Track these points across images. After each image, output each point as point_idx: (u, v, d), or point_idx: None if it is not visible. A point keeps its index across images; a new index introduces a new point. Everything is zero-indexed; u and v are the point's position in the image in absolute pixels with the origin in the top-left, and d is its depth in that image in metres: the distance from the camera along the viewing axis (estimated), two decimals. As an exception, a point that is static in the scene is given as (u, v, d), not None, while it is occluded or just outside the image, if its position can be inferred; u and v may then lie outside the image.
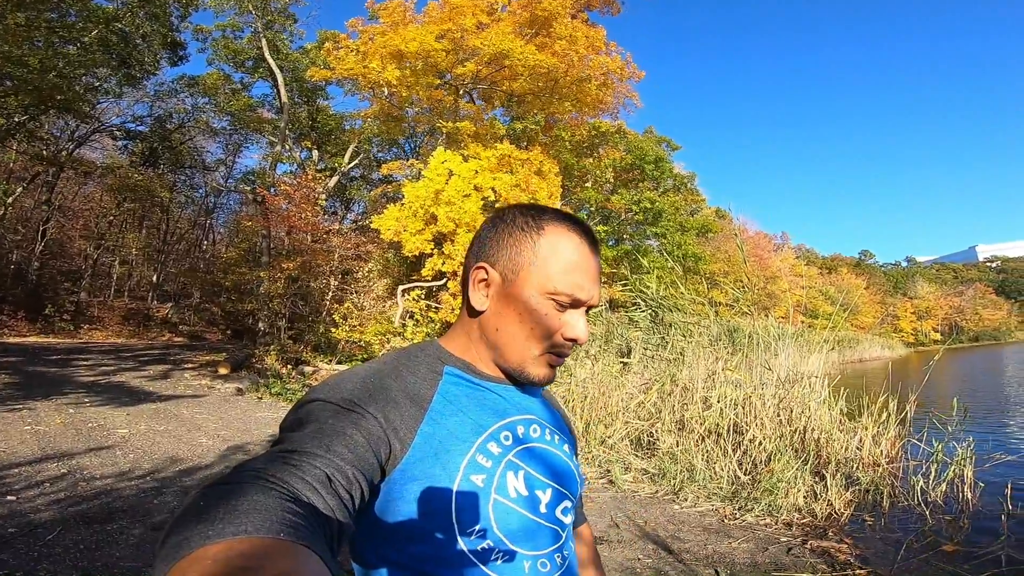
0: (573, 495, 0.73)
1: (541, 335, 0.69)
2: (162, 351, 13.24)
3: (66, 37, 12.50)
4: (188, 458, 4.60)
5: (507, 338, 0.70)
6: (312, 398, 0.61)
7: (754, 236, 36.01)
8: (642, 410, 5.59)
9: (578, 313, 0.70)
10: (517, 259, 0.70)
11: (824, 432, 4.73)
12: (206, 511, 0.38)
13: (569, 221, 0.72)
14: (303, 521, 0.40)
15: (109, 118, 19.04)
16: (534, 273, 0.68)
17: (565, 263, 0.68)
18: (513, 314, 0.69)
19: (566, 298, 0.68)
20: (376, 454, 0.57)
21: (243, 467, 0.46)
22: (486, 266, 0.71)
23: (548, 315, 0.68)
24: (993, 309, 74.32)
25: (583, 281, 0.69)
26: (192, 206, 24.87)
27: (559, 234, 0.70)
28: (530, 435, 0.71)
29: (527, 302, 0.68)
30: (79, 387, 7.65)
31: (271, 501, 0.40)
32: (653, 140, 22.11)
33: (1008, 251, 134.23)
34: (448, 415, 0.65)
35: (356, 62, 11.41)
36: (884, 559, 2.98)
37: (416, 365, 0.70)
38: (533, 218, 0.71)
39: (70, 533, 2.88)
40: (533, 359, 0.70)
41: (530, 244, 0.69)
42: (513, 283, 0.69)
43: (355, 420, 0.57)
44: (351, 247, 13.30)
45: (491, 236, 0.72)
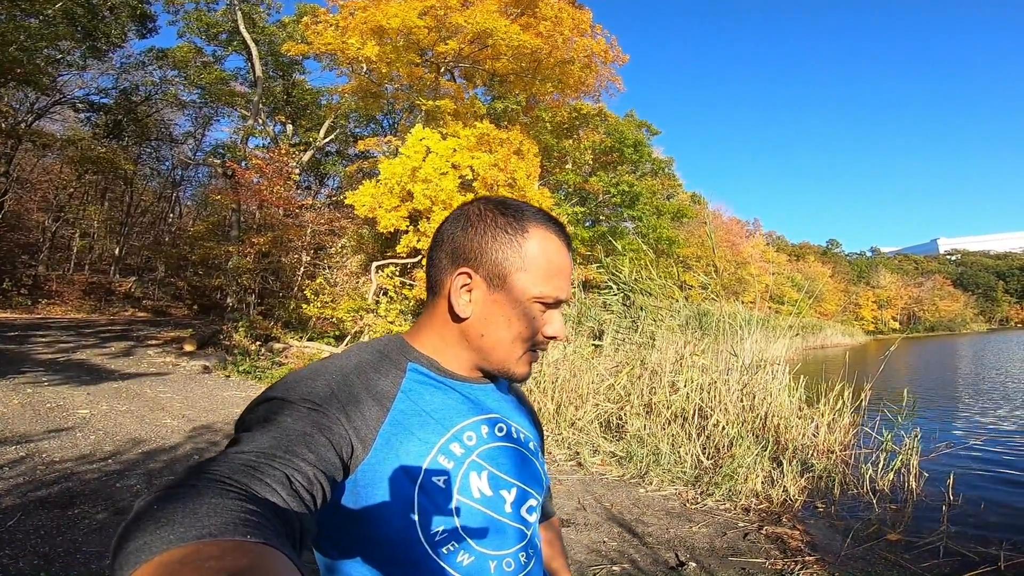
0: (538, 493, 0.73)
1: (527, 337, 0.69)
2: (124, 327, 12.84)
3: (28, 10, 11.89)
4: (151, 439, 4.52)
5: (494, 342, 0.69)
6: (270, 396, 0.59)
7: (727, 222, 36.56)
8: (612, 393, 5.65)
9: (558, 312, 0.71)
10: (504, 264, 0.68)
11: (783, 418, 4.90)
12: (164, 514, 0.36)
13: (549, 222, 0.71)
14: (266, 522, 0.39)
15: (72, 90, 18.15)
16: (522, 278, 0.68)
17: (550, 266, 0.68)
18: (501, 319, 0.68)
19: (552, 300, 0.69)
20: (338, 453, 0.56)
21: (199, 468, 0.45)
22: (469, 271, 0.68)
23: (536, 318, 0.69)
24: (950, 300, 77.34)
25: (564, 282, 0.70)
26: (158, 179, 23.94)
27: (543, 237, 0.69)
28: (495, 434, 0.70)
29: (515, 307, 0.68)
30: (37, 365, 7.40)
31: (231, 503, 0.39)
32: (633, 124, 22.09)
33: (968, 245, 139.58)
34: (411, 414, 0.64)
35: (335, 37, 11.05)
36: (832, 546, 3.13)
37: (380, 361, 0.68)
38: (515, 219, 0.69)
39: (30, 519, 2.82)
40: (517, 359, 0.71)
41: (516, 248, 0.68)
42: (500, 288, 0.68)
43: (315, 419, 0.56)
44: (324, 223, 13.06)
45: (470, 238, 0.69)
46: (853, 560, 2.96)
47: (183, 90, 19.34)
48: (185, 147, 23.18)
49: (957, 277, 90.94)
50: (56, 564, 2.41)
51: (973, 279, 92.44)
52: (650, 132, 23.01)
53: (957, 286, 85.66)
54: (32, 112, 17.12)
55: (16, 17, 11.57)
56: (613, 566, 2.76)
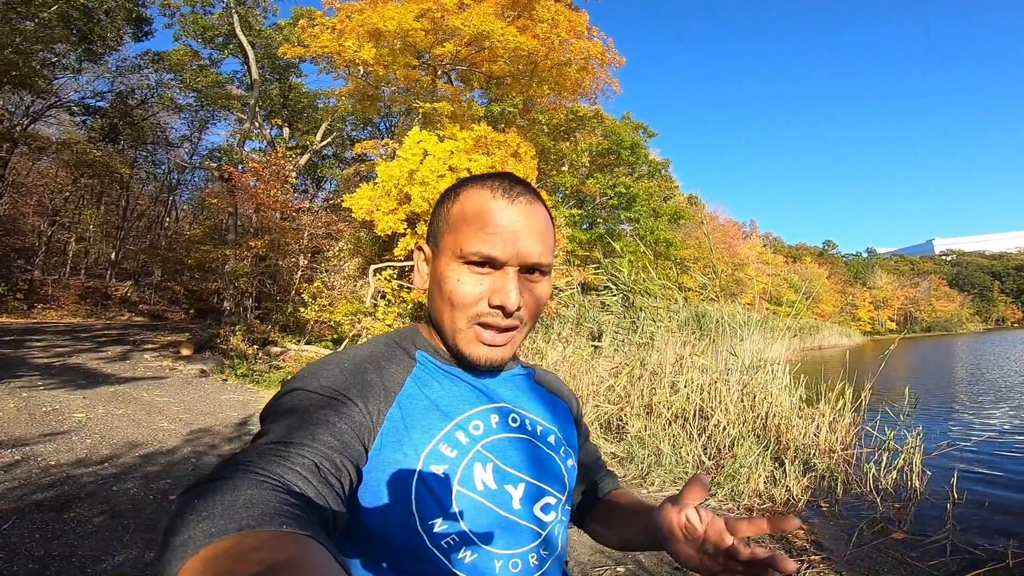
0: (557, 490, 0.69)
1: (459, 303, 0.64)
2: (121, 331, 12.77)
3: (24, 13, 11.92)
4: (148, 443, 4.48)
5: (437, 313, 0.67)
6: (292, 388, 0.59)
7: (724, 224, 36.75)
8: (612, 394, 5.65)
9: (503, 275, 0.64)
10: (438, 230, 0.68)
11: (784, 418, 4.89)
12: (204, 509, 0.37)
13: (489, 178, 0.66)
14: (301, 512, 0.40)
15: (67, 93, 18.11)
16: (448, 240, 0.65)
17: (473, 219, 0.64)
18: (436, 287, 0.67)
19: (475, 256, 0.63)
20: (361, 440, 0.56)
21: (231, 461, 0.46)
22: (423, 246, 0.71)
23: (462, 280, 0.64)
24: (946, 301, 77.77)
25: (493, 235, 0.62)
26: (154, 183, 23.87)
27: (471, 193, 0.65)
28: (508, 425, 0.67)
29: (443, 271, 0.65)
30: (33, 369, 7.34)
31: (267, 494, 0.40)
32: (630, 126, 22.17)
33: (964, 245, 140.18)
34: (416, 400, 0.63)
35: (331, 40, 11.05)
36: (837, 545, 3.11)
37: (393, 351, 0.68)
38: (456, 186, 0.69)
39: (26, 522, 2.78)
40: (462, 333, 0.65)
41: (445, 212, 0.67)
42: (436, 256, 0.68)
43: (336, 407, 0.56)
44: (322, 226, 13.05)
45: (431, 217, 0.71)
46: (859, 559, 2.94)
47: (179, 93, 19.35)
48: (181, 151, 23.16)
49: (953, 277, 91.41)
50: (52, 568, 2.37)
51: (969, 279, 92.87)
52: (647, 134, 23.10)
53: (953, 286, 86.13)
54: (27, 115, 17.06)
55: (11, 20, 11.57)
56: (618, 567, 2.74)
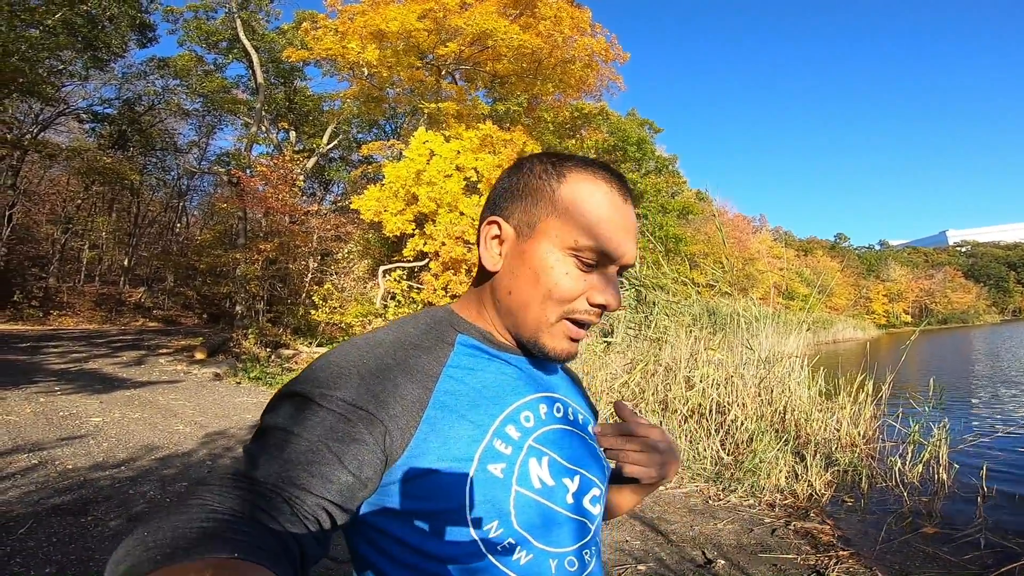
0: (601, 482, 0.65)
1: (560, 298, 0.59)
2: (136, 336, 12.92)
3: (28, 20, 12.10)
4: (164, 446, 4.50)
5: (521, 302, 0.60)
6: (291, 391, 0.52)
7: (733, 218, 36.53)
8: (626, 390, 5.60)
9: (607, 274, 0.61)
10: (533, 211, 0.60)
11: (803, 412, 4.81)
12: (152, 537, 0.38)
13: (596, 166, 0.62)
14: (259, 543, 0.40)
15: (75, 101, 18.35)
16: (553, 225, 0.59)
17: (589, 213, 0.59)
18: (528, 273, 0.60)
19: (591, 254, 0.59)
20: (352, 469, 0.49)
21: (194, 493, 0.45)
22: (499, 220, 0.62)
23: (569, 274, 0.59)
24: (962, 292, 76.68)
25: (612, 234, 0.59)
26: (164, 188, 24.11)
27: (582, 180, 0.60)
28: (554, 415, 0.63)
29: (544, 259, 0.59)
30: (50, 375, 7.43)
31: (224, 525, 0.40)
32: (636, 122, 22.06)
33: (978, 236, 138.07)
34: (459, 395, 0.57)
35: (335, 42, 11.07)
36: (866, 540, 3.04)
37: (424, 336, 0.60)
38: (553, 165, 0.62)
39: (43, 526, 2.79)
40: (549, 327, 0.60)
41: (548, 193, 0.60)
42: (529, 238, 0.60)
43: (330, 424, 0.49)
44: (330, 228, 13.09)
45: (506, 187, 0.63)
46: (890, 554, 2.87)
47: (186, 99, 19.52)
48: (190, 156, 23.39)
49: (968, 268, 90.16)
50: (69, 572, 2.37)
51: (984, 270, 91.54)
52: (653, 130, 22.97)
53: (968, 277, 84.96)
54: (37, 123, 17.32)
55: (16, 28, 11.73)
56: (639, 565, 2.69)
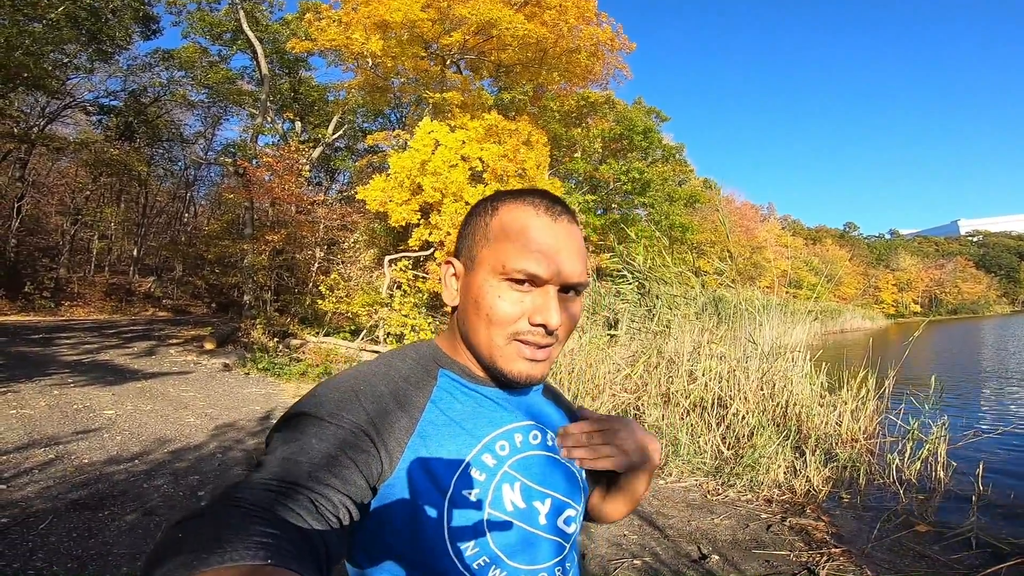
0: (577, 502, 0.70)
1: (498, 320, 0.63)
2: (146, 327, 13.07)
3: (31, 14, 12.17)
4: (176, 439, 4.60)
5: (472, 330, 0.65)
6: (300, 411, 0.57)
7: (741, 207, 36.18)
8: (629, 383, 5.62)
9: (544, 293, 0.63)
10: (474, 245, 0.66)
11: (805, 407, 4.83)
12: (187, 541, 0.37)
13: (528, 194, 0.66)
14: (290, 547, 0.40)
15: (81, 93, 18.39)
16: (486, 255, 0.64)
17: (516, 237, 0.63)
18: (471, 302, 0.65)
19: (520, 274, 0.62)
20: (365, 475, 0.55)
21: (224, 494, 0.46)
22: (452, 260, 0.69)
23: (502, 297, 0.63)
24: (973, 283, 75.65)
25: (539, 254, 0.62)
26: (171, 179, 24.23)
27: (512, 208, 0.65)
28: (529, 443, 0.67)
29: (481, 286, 0.64)
30: (63, 367, 7.53)
31: (254, 528, 0.40)
32: (642, 111, 21.84)
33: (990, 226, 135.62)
34: (440, 425, 0.62)
35: (338, 33, 11.01)
36: (859, 537, 3.09)
37: (410, 368, 0.66)
38: (491, 201, 0.67)
39: (63, 521, 2.88)
40: (500, 351, 0.64)
41: (483, 227, 0.66)
42: (471, 270, 0.66)
43: (342, 438, 0.55)
44: (337, 218, 13.14)
45: (461, 231, 0.70)
46: (880, 552, 2.92)
47: (191, 90, 19.52)
48: (196, 147, 23.44)
49: (979, 258, 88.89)
50: (90, 567, 2.45)
51: (996, 260, 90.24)
52: (660, 118, 22.75)
53: (979, 267, 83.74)
54: (43, 116, 17.38)
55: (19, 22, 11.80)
56: (635, 559, 2.75)
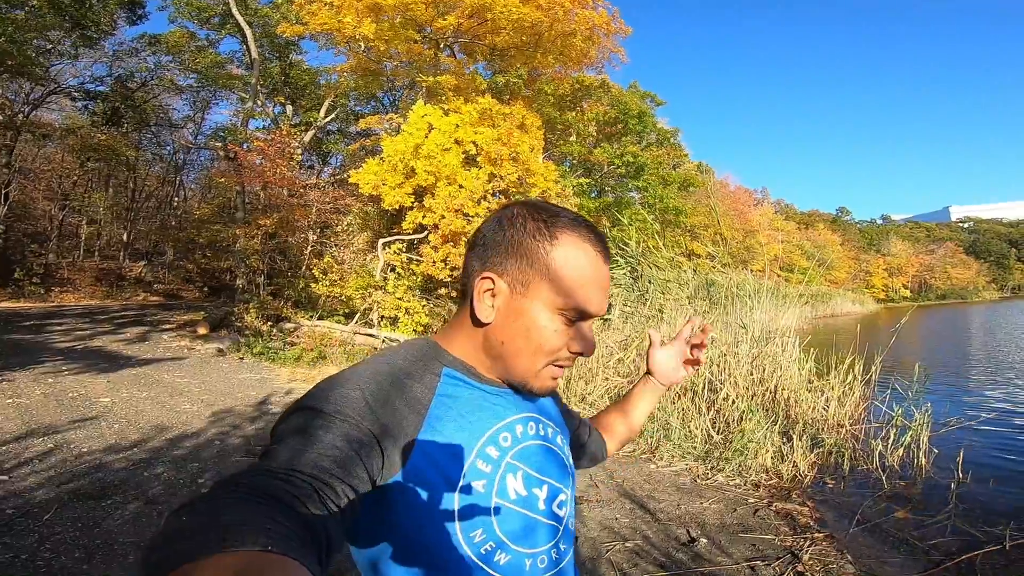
0: (567, 487, 0.75)
1: (548, 351, 0.67)
2: (138, 312, 13.00)
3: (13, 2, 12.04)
4: (173, 426, 4.62)
5: (513, 352, 0.67)
6: (305, 405, 0.59)
7: (735, 191, 36.25)
8: (621, 367, 5.68)
9: (586, 326, 0.68)
10: (528, 271, 0.66)
11: (793, 392, 4.92)
12: (189, 527, 0.37)
13: (583, 228, 0.68)
14: (291, 534, 0.40)
15: (66, 79, 18.00)
16: (545, 287, 0.65)
17: (578, 277, 0.65)
18: (521, 328, 0.66)
19: (575, 313, 0.66)
20: (367, 468, 0.56)
21: (228, 481, 0.46)
22: (493, 276, 0.67)
23: (557, 331, 0.66)
24: (962, 268, 76.29)
25: (594, 295, 0.66)
26: (160, 163, 23.87)
27: (572, 245, 0.66)
28: (528, 433, 0.71)
29: (536, 318, 0.66)
30: (56, 354, 7.50)
31: (257, 515, 0.40)
32: (637, 95, 21.69)
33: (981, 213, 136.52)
34: (447, 420, 0.65)
35: (330, 16, 10.79)
36: (841, 523, 3.19)
37: (414, 366, 0.68)
38: (546, 225, 0.67)
39: (66, 511, 2.90)
40: (536, 373, 0.68)
41: (542, 255, 0.66)
42: (523, 296, 0.66)
43: (346, 431, 0.56)
44: (329, 201, 13.04)
45: (499, 242, 0.68)
46: (862, 537, 3.02)
47: (179, 75, 19.18)
48: (185, 131, 23.07)
49: (969, 245, 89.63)
50: (97, 557, 2.48)
51: (986, 246, 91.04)
52: (655, 102, 22.61)
53: (969, 253, 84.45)
54: (28, 103, 17.03)
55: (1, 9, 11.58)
56: (626, 542, 2.83)
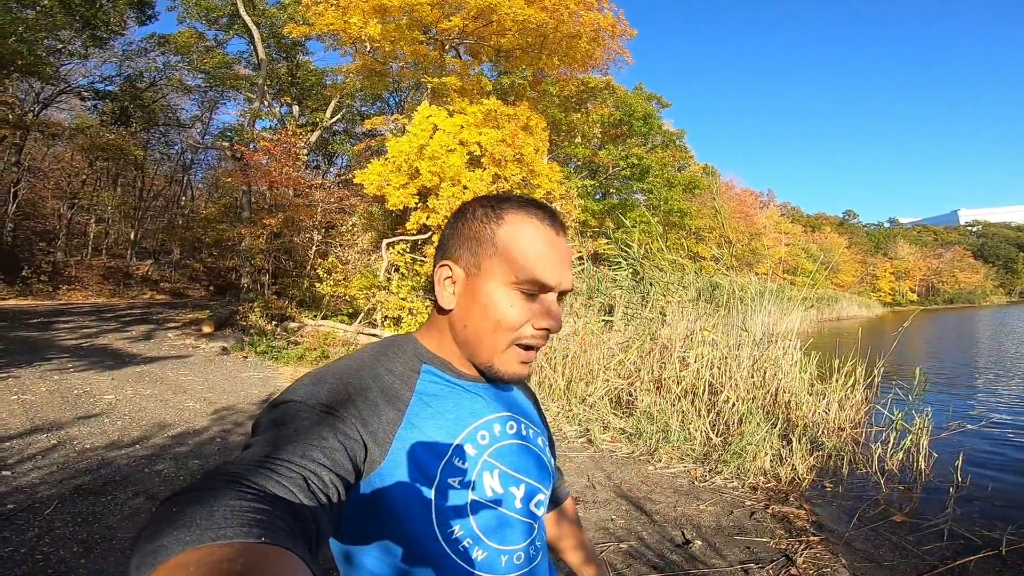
0: (546, 487, 0.76)
1: (508, 327, 0.67)
2: (144, 310, 13.08)
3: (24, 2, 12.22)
4: (176, 423, 4.66)
5: (475, 334, 0.69)
6: (287, 399, 0.60)
7: (741, 193, 36.05)
8: (622, 368, 5.66)
9: (548, 300, 0.69)
10: (479, 252, 0.69)
11: (794, 395, 4.90)
12: (181, 516, 0.37)
13: (530, 206, 0.70)
14: (282, 524, 0.40)
15: (76, 79, 18.19)
16: (496, 264, 0.67)
17: (527, 248, 0.67)
18: (479, 308, 0.68)
19: (530, 285, 0.67)
20: (352, 458, 0.57)
21: (216, 470, 0.46)
22: (449, 263, 0.71)
23: (514, 305, 0.67)
24: (970, 272, 75.52)
25: (546, 265, 0.67)
26: (168, 163, 24.05)
27: (519, 221, 0.68)
28: (506, 432, 0.72)
29: (492, 294, 0.67)
30: (62, 352, 7.55)
31: (248, 505, 0.40)
32: (643, 97, 21.68)
33: (990, 216, 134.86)
34: (426, 417, 0.66)
35: (336, 17, 10.87)
36: (837, 526, 3.17)
37: (394, 362, 0.70)
38: (492, 208, 0.70)
39: (67, 506, 2.94)
40: (501, 354, 0.69)
41: (490, 235, 0.68)
42: (477, 277, 0.69)
43: (331, 423, 0.57)
44: (334, 201, 13.12)
45: (453, 234, 0.71)
46: (857, 541, 3.00)
47: (187, 75, 19.34)
48: (193, 131, 23.22)
49: (978, 248, 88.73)
50: (95, 551, 2.52)
51: (994, 250, 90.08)
52: (660, 104, 22.60)
53: (977, 257, 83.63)
54: (38, 102, 17.20)
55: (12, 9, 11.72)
56: (621, 543, 2.83)
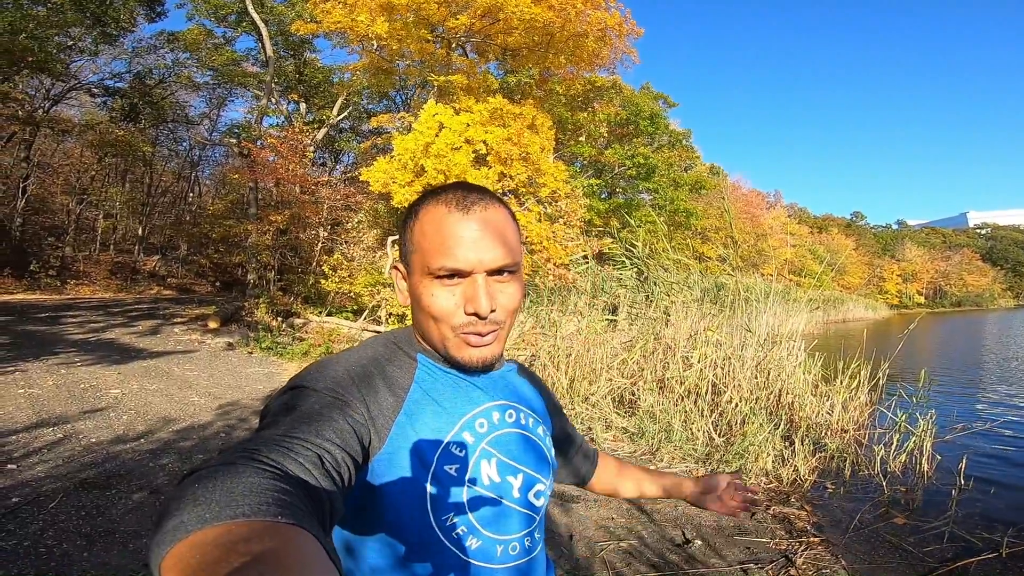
0: (545, 477, 0.76)
1: (437, 316, 0.68)
2: (151, 305, 13.17)
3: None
4: (181, 418, 4.69)
5: (423, 328, 0.71)
6: (297, 384, 0.63)
7: (747, 193, 35.90)
8: (625, 368, 5.66)
9: (471, 283, 0.67)
10: (406, 250, 0.72)
11: (797, 396, 4.88)
12: (201, 494, 0.38)
13: (443, 192, 0.70)
14: (299, 502, 0.41)
15: (86, 76, 18.39)
16: (416, 258, 0.69)
17: (434, 236, 0.67)
18: (415, 304, 0.71)
19: (442, 271, 0.66)
20: (360, 440, 0.59)
21: (235, 449, 0.47)
22: (398, 265, 0.75)
23: (436, 295, 0.68)
24: (978, 275, 74.65)
25: (454, 249, 0.66)
26: (176, 159, 24.22)
27: (427, 211, 0.69)
28: (505, 421, 0.73)
29: (418, 287, 0.69)
30: (69, 346, 7.60)
31: (266, 483, 0.41)
32: (649, 96, 21.61)
33: (999, 219, 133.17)
34: (424, 404, 0.68)
35: (343, 15, 10.90)
36: (838, 527, 3.16)
37: (394, 353, 0.72)
38: (414, 205, 0.72)
39: (71, 500, 2.96)
40: (450, 342, 0.69)
41: (409, 232, 0.71)
42: (410, 274, 0.71)
43: (340, 407, 0.59)
44: (340, 198, 13.16)
45: (401, 234, 0.74)
46: (858, 542, 2.99)
47: (196, 72, 19.47)
48: (201, 128, 23.37)
49: (986, 251, 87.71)
50: (98, 544, 2.55)
51: (1003, 253, 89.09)
52: (667, 104, 22.51)
53: (986, 260, 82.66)
54: (48, 98, 17.36)
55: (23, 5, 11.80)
56: (621, 542, 2.84)
